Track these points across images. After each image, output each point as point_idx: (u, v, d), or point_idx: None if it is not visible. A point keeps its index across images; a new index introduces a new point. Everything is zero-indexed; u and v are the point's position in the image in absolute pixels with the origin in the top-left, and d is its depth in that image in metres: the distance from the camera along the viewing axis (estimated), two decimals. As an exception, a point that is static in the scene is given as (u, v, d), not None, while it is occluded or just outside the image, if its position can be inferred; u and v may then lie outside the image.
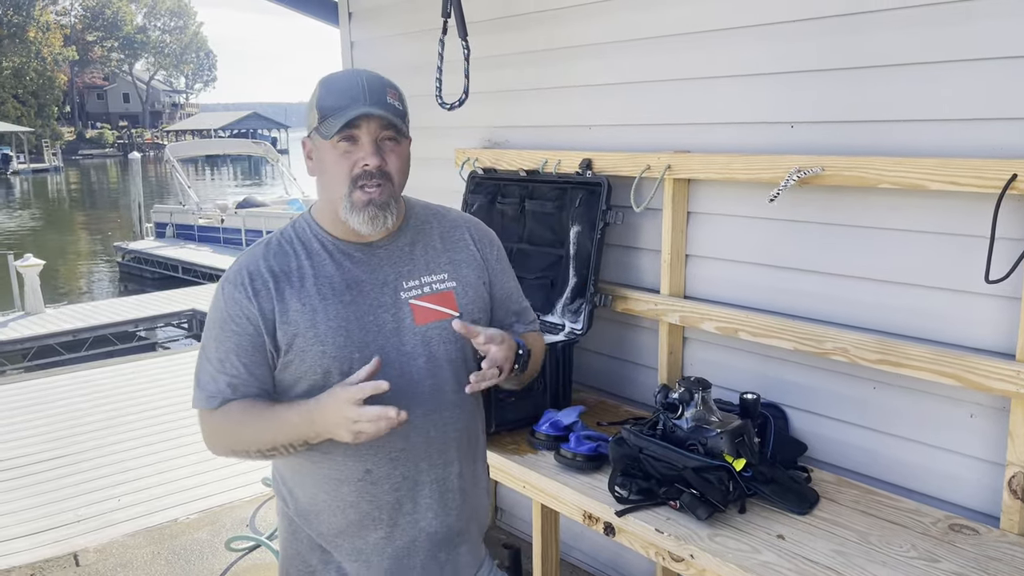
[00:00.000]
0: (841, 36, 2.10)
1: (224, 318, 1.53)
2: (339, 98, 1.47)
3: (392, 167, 1.51)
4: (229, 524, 4.09)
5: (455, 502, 1.65)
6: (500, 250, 1.77)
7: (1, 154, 49.45)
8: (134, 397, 6.43)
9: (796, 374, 2.33)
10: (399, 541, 1.61)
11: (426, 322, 1.58)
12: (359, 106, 1.45)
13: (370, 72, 1.53)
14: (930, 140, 1.97)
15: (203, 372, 1.56)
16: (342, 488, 1.57)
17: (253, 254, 1.57)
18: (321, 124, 1.49)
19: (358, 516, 1.59)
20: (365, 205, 1.48)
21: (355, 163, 1.48)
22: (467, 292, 1.64)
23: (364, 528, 1.59)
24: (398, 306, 1.57)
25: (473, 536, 1.74)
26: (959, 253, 1.95)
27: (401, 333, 1.56)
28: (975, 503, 1.99)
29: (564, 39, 2.85)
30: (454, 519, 1.66)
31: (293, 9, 4.31)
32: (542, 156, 2.83)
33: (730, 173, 2.29)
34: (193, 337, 12.55)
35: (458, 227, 1.71)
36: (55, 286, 17.00)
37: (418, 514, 1.61)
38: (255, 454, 1.54)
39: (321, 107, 1.49)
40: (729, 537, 1.82)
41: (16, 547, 3.91)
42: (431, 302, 1.59)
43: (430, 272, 1.61)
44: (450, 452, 1.63)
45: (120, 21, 75.22)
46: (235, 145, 28.83)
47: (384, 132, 1.49)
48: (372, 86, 1.48)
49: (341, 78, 1.53)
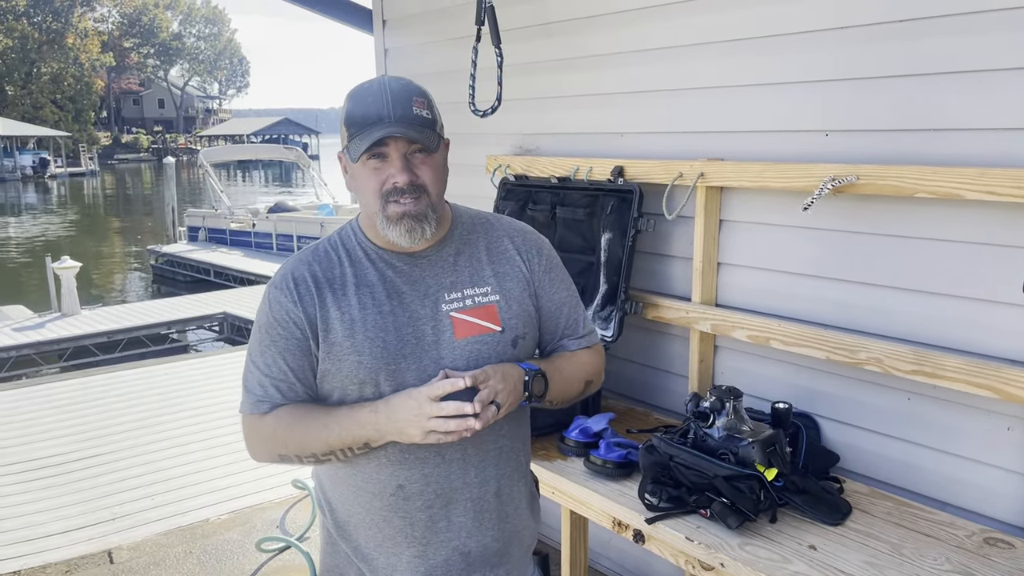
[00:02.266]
0: (877, 44, 2.08)
1: (270, 322, 1.52)
2: (365, 115, 1.44)
3: (425, 178, 1.47)
4: (260, 525, 4.14)
5: (491, 522, 1.62)
6: (551, 259, 1.68)
7: (39, 158, 50.45)
8: (167, 398, 6.52)
9: (828, 384, 2.31)
10: (433, 559, 1.58)
11: (466, 336, 1.53)
12: (384, 125, 1.42)
13: (397, 82, 1.49)
14: (968, 149, 1.94)
15: (251, 377, 1.54)
16: (375, 502, 1.56)
17: (299, 259, 1.56)
18: (350, 143, 1.46)
19: (392, 532, 1.57)
20: (400, 218, 1.46)
21: (385, 180, 1.46)
22: (511, 306, 1.59)
23: (398, 544, 1.57)
24: (438, 318, 1.53)
25: (515, 558, 1.69)
26: (996, 263, 1.92)
27: (440, 346, 1.52)
28: (1011, 517, 1.96)
29: (596, 47, 2.86)
30: (491, 539, 1.62)
31: (327, 16, 4.36)
32: (573, 163, 2.84)
33: (763, 181, 2.28)
34: (224, 340, 12.71)
35: (504, 238, 1.65)
36: (90, 288, 17.31)
37: (451, 532, 1.58)
38: (307, 459, 1.52)
39: (349, 124, 1.47)
40: (760, 546, 1.81)
41: (52, 544, 3.98)
42: (473, 316, 1.55)
43: (474, 284, 1.57)
44: (488, 471, 1.59)
45: (156, 28, 76.44)
46: (267, 150, 29.10)
47: (413, 146, 1.46)
48: (397, 99, 1.45)
49: (367, 92, 1.47)
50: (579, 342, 1.72)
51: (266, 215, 20.17)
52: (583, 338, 1.73)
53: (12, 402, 6.48)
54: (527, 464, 1.75)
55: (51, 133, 51.98)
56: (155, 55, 78.02)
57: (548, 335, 1.69)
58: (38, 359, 10.89)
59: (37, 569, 3.72)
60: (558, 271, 1.69)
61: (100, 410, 6.23)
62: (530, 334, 1.63)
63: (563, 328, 1.70)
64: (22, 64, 61.14)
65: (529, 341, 1.63)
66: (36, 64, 62.22)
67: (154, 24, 76.33)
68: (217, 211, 21.45)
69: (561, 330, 1.70)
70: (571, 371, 1.67)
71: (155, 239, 22.72)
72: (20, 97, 60.24)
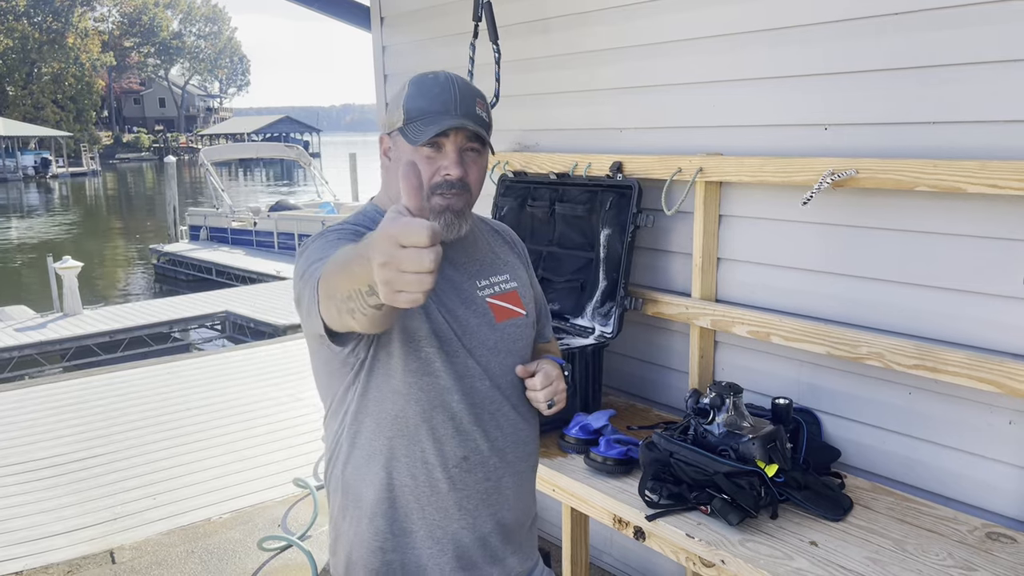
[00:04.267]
0: (877, 37, 2.07)
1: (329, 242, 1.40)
2: (431, 103, 1.44)
3: (472, 178, 1.48)
4: (261, 524, 4.14)
5: (525, 495, 1.66)
6: (528, 254, 1.80)
7: (40, 158, 50.51)
8: (169, 397, 6.52)
9: (829, 379, 2.30)
10: (479, 531, 1.57)
11: (505, 319, 1.57)
12: (451, 117, 1.43)
13: (462, 79, 1.50)
14: (968, 142, 1.93)
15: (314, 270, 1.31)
16: (435, 473, 1.51)
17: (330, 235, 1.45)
18: (407, 126, 1.44)
19: (447, 504, 1.53)
20: (442, 211, 1.45)
21: (437, 171, 1.44)
22: (526, 293, 1.65)
23: (448, 518, 1.53)
24: (478, 303, 1.55)
25: (529, 531, 1.74)
26: (998, 257, 1.91)
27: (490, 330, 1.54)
28: (1013, 511, 1.95)
29: (594, 42, 2.85)
30: (522, 512, 1.66)
31: (325, 14, 4.36)
32: (572, 159, 2.83)
33: (763, 176, 2.27)
34: (227, 339, 12.70)
35: (495, 233, 1.72)
36: (92, 288, 17.32)
37: (499, 505, 1.58)
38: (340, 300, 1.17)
39: (409, 108, 1.45)
40: (761, 543, 1.81)
41: (54, 544, 3.98)
42: (503, 300, 1.59)
43: (495, 272, 1.62)
44: (531, 444, 1.64)
45: (156, 27, 76.60)
46: (268, 149, 29.07)
47: (469, 143, 1.46)
48: (464, 95, 1.46)
49: (434, 82, 1.48)
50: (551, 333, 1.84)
51: (268, 214, 20.17)
52: (549, 329, 1.84)
53: (14, 402, 6.48)
54: None
55: (52, 133, 52.00)
56: (155, 54, 78.17)
57: None
58: (40, 359, 10.89)
59: (39, 569, 3.73)
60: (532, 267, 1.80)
61: (102, 410, 6.24)
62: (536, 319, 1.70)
63: (542, 317, 1.78)
64: (23, 64, 61.22)
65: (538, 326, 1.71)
66: (37, 64, 62.30)
67: (154, 23, 76.48)
68: (218, 210, 21.44)
69: (541, 319, 1.78)
70: None
71: (157, 238, 22.73)
72: (21, 97, 60.33)
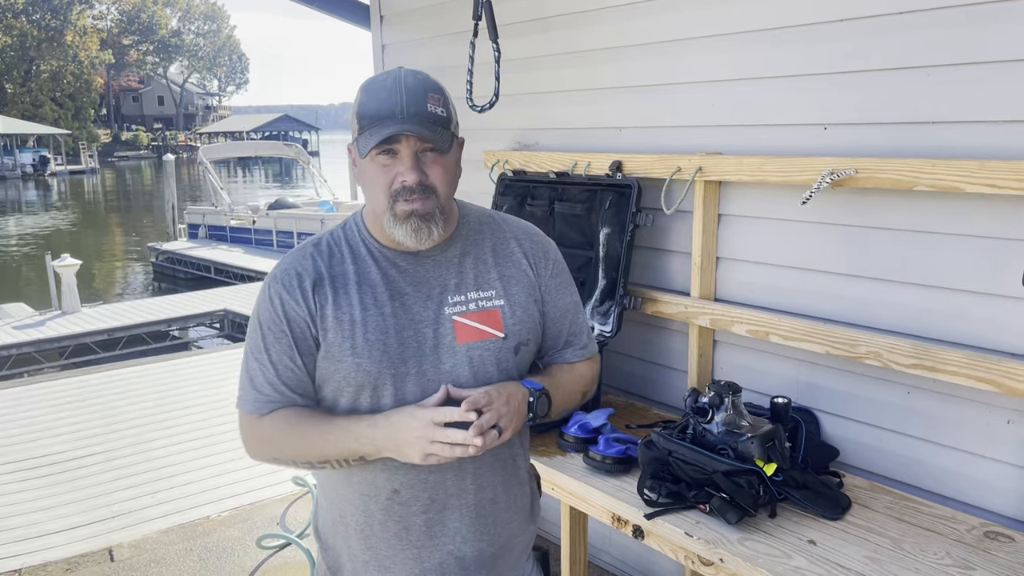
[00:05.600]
0: (876, 37, 2.07)
1: (274, 319, 1.45)
2: (378, 108, 1.39)
3: (435, 179, 1.42)
4: (260, 522, 4.14)
5: (488, 527, 1.57)
6: (557, 264, 1.63)
7: (39, 156, 50.52)
8: (167, 395, 6.53)
9: (828, 378, 2.31)
10: (427, 563, 1.54)
11: (467, 341, 1.48)
12: (395, 122, 1.37)
13: (413, 76, 1.43)
14: (967, 142, 1.94)
15: (252, 375, 1.48)
16: (370, 505, 1.52)
17: (302, 253, 1.50)
18: (360, 137, 1.40)
19: (387, 535, 1.53)
20: (407, 217, 1.40)
21: (394, 178, 1.40)
22: (515, 312, 1.54)
23: (392, 547, 1.54)
24: (440, 322, 1.48)
25: (512, 561, 1.66)
26: (997, 256, 1.91)
27: (439, 351, 1.47)
28: (1012, 510, 1.96)
29: (594, 41, 2.85)
30: (486, 544, 1.58)
31: (325, 13, 4.35)
32: (572, 158, 2.83)
33: (762, 175, 2.27)
34: (225, 337, 12.71)
35: (511, 240, 1.59)
36: (91, 286, 17.32)
37: (446, 537, 1.54)
38: (301, 464, 1.48)
39: (360, 117, 1.41)
40: (760, 542, 1.81)
41: (52, 542, 3.99)
42: (475, 320, 1.50)
43: (479, 288, 1.52)
44: (484, 477, 1.55)
45: (155, 25, 76.52)
46: (267, 147, 29.11)
47: (424, 144, 1.40)
48: (412, 94, 1.39)
49: (380, 85, 1.41)
50: (581, 353, 1.67)
51: (266, 212, 20.18)
52: (584, 348, 1.68)
53: (13, 400, 6.49)
54: (526, 469, 1.71)
55: (51, 131, 51.99)
56: (154, 52, 78.11)
57: (551, 341, 1.64)
58: (39, 357, 10.89)
59: (38, 567, 3.73)
60: (564, 276, 1.64)
61: (101, 408, 6.24)
62: (533, 340, 1.58)
63: (566, 335, 1.65)
64: (21, 62, 61.16)
65: (532, 347, 1.58)
66: (35, 62, 62.24)
67: (153, 21, 76.40)
68: (217, 208, 21.45)
69: (564, 337, 1.65)
70: (571, 385, 1.63)
71: (155, 236, 22.73)
72: (20, 95, 60.27)
